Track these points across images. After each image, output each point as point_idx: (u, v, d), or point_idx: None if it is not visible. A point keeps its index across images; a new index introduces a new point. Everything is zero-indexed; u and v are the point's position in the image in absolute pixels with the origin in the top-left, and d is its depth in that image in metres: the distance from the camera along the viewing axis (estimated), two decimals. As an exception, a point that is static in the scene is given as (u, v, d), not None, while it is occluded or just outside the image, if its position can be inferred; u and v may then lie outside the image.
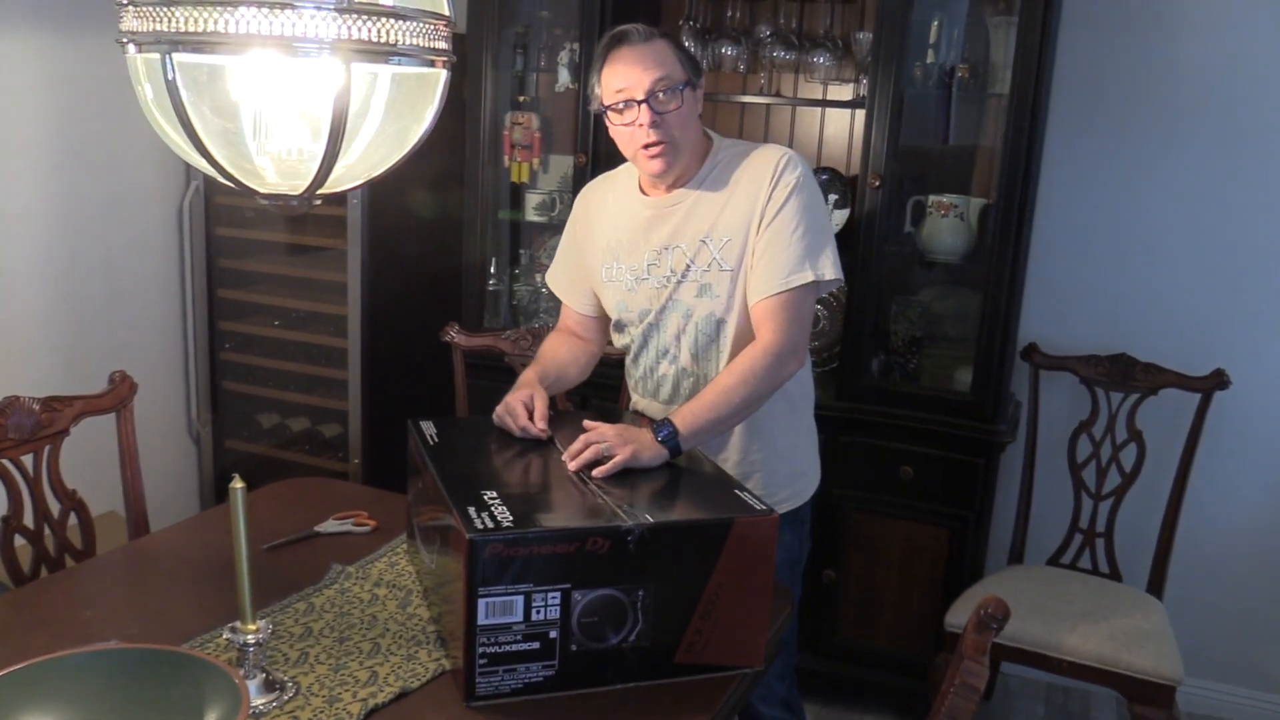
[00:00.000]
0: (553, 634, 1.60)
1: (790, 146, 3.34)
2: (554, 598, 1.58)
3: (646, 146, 2.06)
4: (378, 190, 3.27)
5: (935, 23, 2.98)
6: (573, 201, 3.23)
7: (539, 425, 2.03)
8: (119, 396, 2.32)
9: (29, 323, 3.22)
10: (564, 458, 1.91)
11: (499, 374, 3.01)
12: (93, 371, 2.62)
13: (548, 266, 3.59)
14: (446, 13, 1.44)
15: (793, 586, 2.31)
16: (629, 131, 2.07)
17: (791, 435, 2.28)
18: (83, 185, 3.33)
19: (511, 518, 1.60)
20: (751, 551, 1.68)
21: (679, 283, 2.16)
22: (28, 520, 2.16)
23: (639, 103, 2.03)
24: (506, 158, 3.49)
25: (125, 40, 1.35)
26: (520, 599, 1.57)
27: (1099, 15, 3.09)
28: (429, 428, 2.04)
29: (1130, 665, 2.64)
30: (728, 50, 3.24)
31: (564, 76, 3.33)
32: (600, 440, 1.89)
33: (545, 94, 3.58)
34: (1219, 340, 3.12)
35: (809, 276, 2.06)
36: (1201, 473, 3.04)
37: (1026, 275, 3.09)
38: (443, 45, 1.43)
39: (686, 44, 3.24)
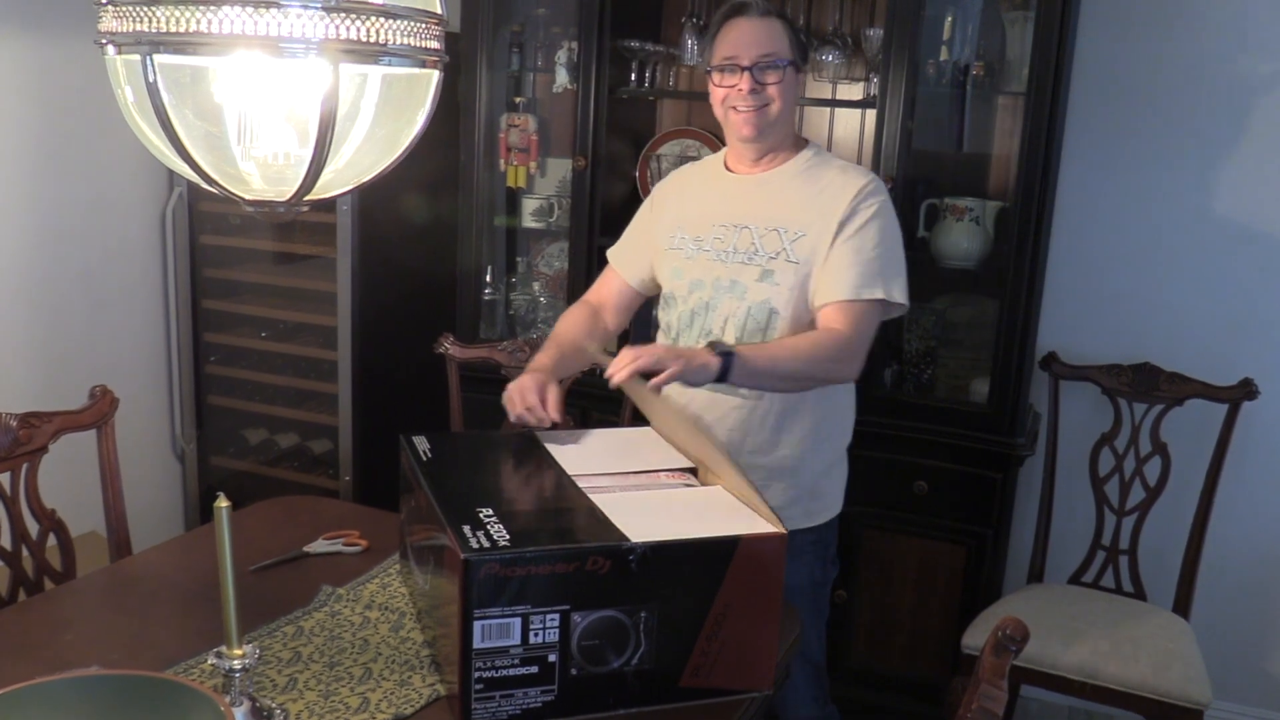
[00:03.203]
0: (552, 657, 1.59)
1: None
2: (553, 620, 1.58)
3: (740, 110, 2.20)
4: (368, 196, 3.28)
5: (949, 18, 2.99)
6: (570, 206, 3.28)
7: (552, 414, 2.08)
8: (100, 412, 2.32)
9: (5, 335, 3.23)
10: (608, 371, 1.95)
11: (495, 387, 2.99)
12: (72, 386, 2.63)
13: (546, 275, 3.67)
14: (439, 11, 1.44)
15: (819, 610, 2.37)
16: (725, 92, 2.21)
17: (822, 453, 2.33)
18: (61, 192, 3.33)
19: (508, 536, 1.60)
20: (759, 570, 1.68)
21: (742, 264, 2.24)
22: (5, 541, 2.16)
23: (742, 69, 2.16)
24: (502, 161, 3.50)
25: (104, 41, 1.36)
26: (518, 621, 1.57)
27: (1120, 10, 3.09)
28: (422, 443, 2.04)
29: (1156, 688, 2.63)
30: (732, 48, 3.24)
31: (562, 76, 3.34)
32: (650, 354, 1.94)
33: (543, 95, 3.58)
34: (1246, 348, 3.12)
35: (880, 293, 2.17)
36: (1229, 486, 3.03)
37: (1045, 281, 3.09)
38: (435, 45, 1.43)
39: (689, 41, 3.26)
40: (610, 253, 2.56)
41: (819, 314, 2.19)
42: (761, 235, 2.23)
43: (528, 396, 2.10)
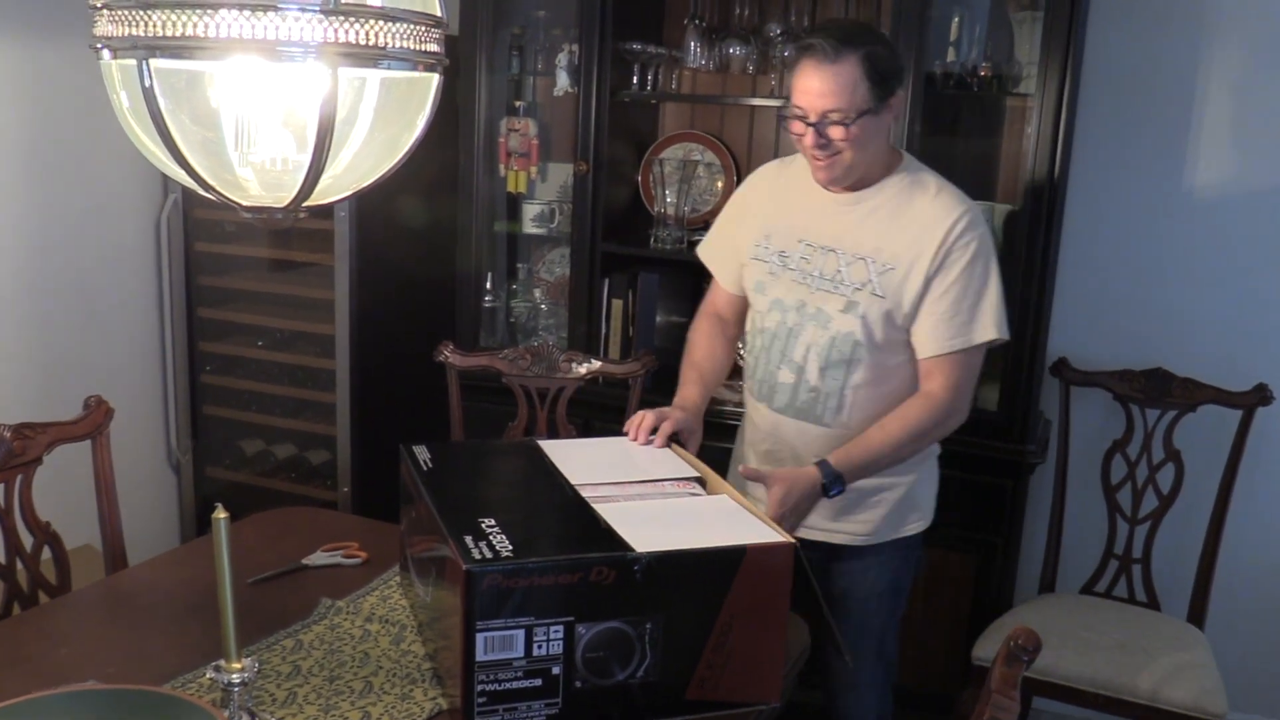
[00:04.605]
0: (555, 670, 1.59)
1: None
2: (556, 631, 1.58)
3: (813, 157, 2.17)
4: (366, 202, 3.28)
5: (956, 19, 2.99)
6: (571, 212, 3.28)
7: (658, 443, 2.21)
8: (94, 423, 2.33)
9: (-1, 345, 3.23)
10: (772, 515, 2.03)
11: (496, 395, 3.02)
12: (66, 396, 2.63)
13: (547, 281, 3.66)
14: (438, 13, 1.45)
15: (896, 611, 2.43)
16: (797, 136, 2.17)
17: (917, 470, 2.36)
18: (55, 198, 3.34)
19: (511, 547, 1.60)
20: (766, 580, 1.68)
21: (826, 291, 2.23)
22: (-2, 554, 2.16)
23: (808, 123, 2.11)
24: (502, 166, 3.50)
25: (99, 46, 1.36)
26: (521, 633, 1.56)
27: (1131, 9, 3.09)
28: (422, 452, 2.04)
29: (1170, 700, 2.63)
30: (736, 50, 3.25)
31: (563, 80, 3.34)
32: (792, 514, 2.10)
33: (543, 99, 3.59)
34: (1260, 353, 3.12)
35: (981, 338, 2.19)
36: (1244, 493, 3.03)
37: (1055, 286, 3.09)
38: (434, 48, 1.43)
39: (692, 43, 3.26)
40: (703, 256, 2.53)
41: (923, 365, 2.22)
42: (848, 263, 2.21)
43: (645, 426, 2.21)
